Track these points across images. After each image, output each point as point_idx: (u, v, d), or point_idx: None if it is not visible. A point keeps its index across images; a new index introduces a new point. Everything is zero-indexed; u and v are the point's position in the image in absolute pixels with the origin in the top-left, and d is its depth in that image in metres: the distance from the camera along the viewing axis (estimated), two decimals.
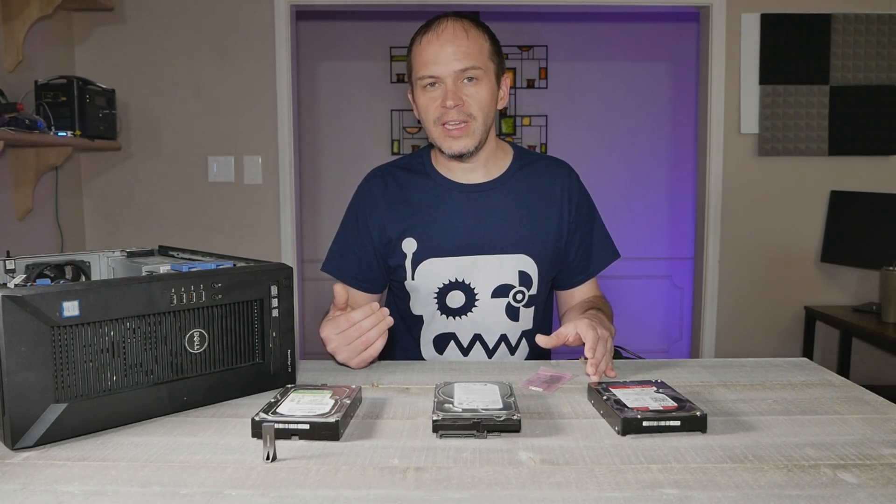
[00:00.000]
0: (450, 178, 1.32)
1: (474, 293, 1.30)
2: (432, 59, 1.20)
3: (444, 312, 1.31)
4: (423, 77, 1.22)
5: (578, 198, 1.35)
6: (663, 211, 4.00)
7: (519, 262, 1.29)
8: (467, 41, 1.21)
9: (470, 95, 1.22)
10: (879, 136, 2.90)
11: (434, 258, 1.29)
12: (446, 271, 1.29)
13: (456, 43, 1.20)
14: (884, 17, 2.86)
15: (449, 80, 1.20)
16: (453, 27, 1.21)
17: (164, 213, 2.92)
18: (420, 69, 1.22)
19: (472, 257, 1.28)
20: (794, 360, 1.15)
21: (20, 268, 1.01)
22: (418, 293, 1.32)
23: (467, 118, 1.22)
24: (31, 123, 2.17)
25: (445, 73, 1.20)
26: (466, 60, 1.20)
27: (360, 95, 3.90)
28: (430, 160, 1.35)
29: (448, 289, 1.30)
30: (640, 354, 3.13)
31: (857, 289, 3.00)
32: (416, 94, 1.27)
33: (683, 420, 0.79)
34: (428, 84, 1.22)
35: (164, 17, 2.84)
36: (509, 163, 1.35)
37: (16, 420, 0.74)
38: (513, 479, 0.68)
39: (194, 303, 0.86)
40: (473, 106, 1.22)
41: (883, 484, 0.66)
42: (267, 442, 0.72)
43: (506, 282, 1.29)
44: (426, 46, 1.21)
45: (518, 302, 1.31)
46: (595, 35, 3.90)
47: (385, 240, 1.32)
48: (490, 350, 1.33)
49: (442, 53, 1.19)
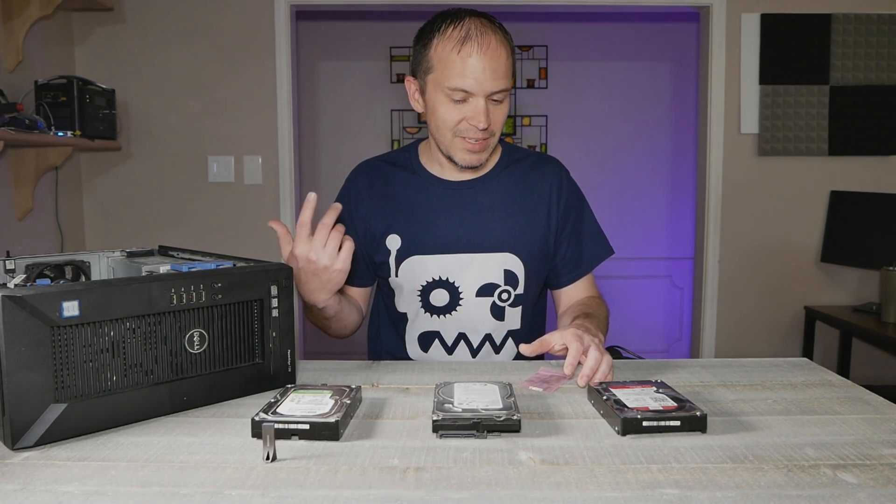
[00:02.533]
0: (436, 174, 1.31)
1: (458, 292, 1.28)
2: (471, 74, 1.13)
3: (429, 311, 1.30)
4: (456, 89, 1.15)
5: (567, 194, 1.33)
6: (663, 211, 4.00)
7: (504, 260, 1.28)
8: (506, 60, 1.16)
9: (494, 113, 1.18)
10: (879, 136, 2.90)
11: (418, 255, 1.27)
12: (430, 269, 1.28)
13: (497, 62, 1.14)
14: (884, 17, 2.86)
15: (482, 100, 1.15)
16: (497, 43, 1.15)
17: (164, 213, 2.92)
18: (454, 79, 1.14)
19: (457, 255, 1.27)
20: (794, 360, 1.15)
21: (20, 268, 1.00)
22: (402, 290, 1.31)
23: (489, 136, 1.20)
24: (31, 123, 2.17)
25: (481, 92, 1.15)
26: (504, 82, 1.16)
27: (360, 95, 3.90)
28: (418, 156, 1.34)
29: (432, 287, 1.28)
30: (640, 354, 3.12)
31: (857, 289, 3.00)
32: (432, 97, 1.20)
33: (683, 420, 0.79)
34: (458, 99, 1.16)
35: (164, 17, 2.84)
36: (497, 160, 1.33)
37: (16, 420, 0.73)
38: (513, 479, 0.68)
39: (194, 303, 0.86)
40: (496, 125, 1.20)
41: (883, 484, 0.66)
42: (267, 442, 0.72)
43: (490, 281, 1.28)
44: (466, 58, 1.13)
45: (503, 301, 1.29)
46: (595, 35, 3.90)
47: (370, 235, 1.31)
48: (474, 349, 1.31)
49: (483, 71, 1.13)
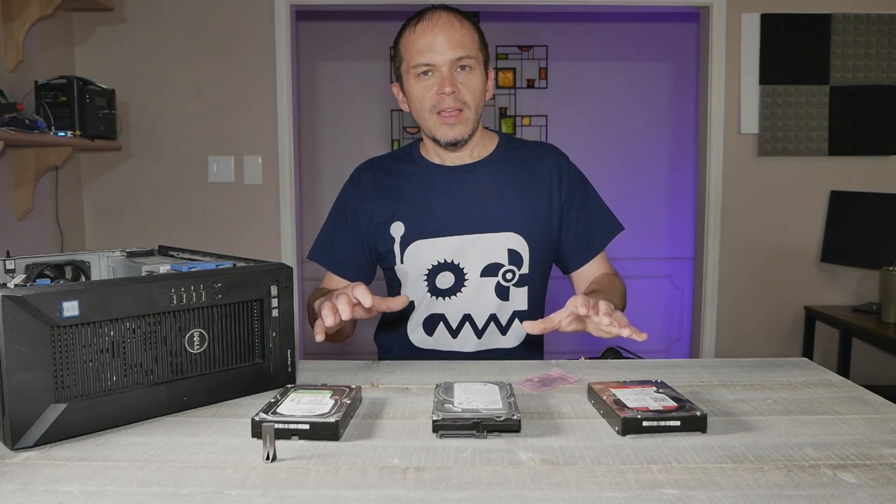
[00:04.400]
0: (436, 162, 1.35)
1: (463, 273, 1.29)
2: (428, 48, 1.22)
3: (434, 294, 1.32)
4: (418, 65, 1.23)
5: (569, 177, 1.35)
6: (663, 211, 3.99)
7: (508, 240, 1.29)
8: (461, 30, 1.23)
9: (464, 83, 1.24)
10: (879, 136, 2.90)
11: (422, 240, 1.29)
12: (435, 252, 1.29)
13: (451, 32, 1.22)
14: (884, 17, 2.85)
15: (444, 69, 1.22)
16: (447, 17, 1.23)
17: (164, 213, 2.92)
18: (415, 57, 1.23)
19: (460, 237, 1.29)
20: (794, 360, 1.15)
21: (20, 268, 1.00)
22: (408, 277, 1.32)
23: (462, 106, 1.24)
24: (31, 123, 2.17)
25: (441, 62, 1.22)
26: (461, 49, 1.22)
27: (360, 95, 3.90)
28: (419, 150, 1.38)
29: (437, 270, 1.30)
30: (640, 354, 3.12)
31: (857, 289, 2.99)
32: (407, 85, 1.28)
33: (683, 420, 0.79)
34: (422, 72, 1.24)
35: (164, 17, 2.84)
36: (495, 146, 1.36)
37: (16, 420, 0.73)
38: (513, 479, 0.68)
39: (194, 303, 0.86)
40: (467, 94, 1.24)
41: (883, 484, 0.66)
42: (267, 442, 0.72)
43: (495, 261, 1.29)
44: (420, 35, 1.23)
45: (508, 281, 1.30)
46: (595, 35, 3.90)
47: (373, 226, 1.34)
48: (479, 330, 1.32)
49: (437, 42, 1.21)
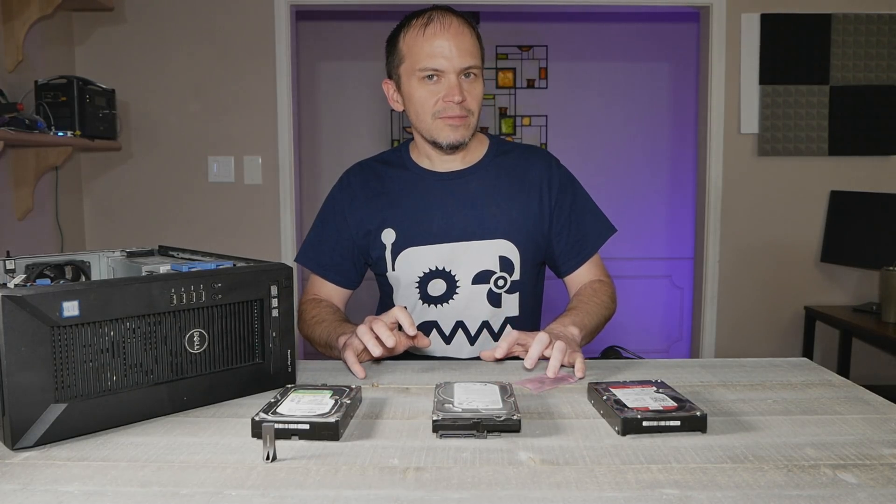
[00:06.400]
0: (426, 168, 1.34)
1: (455, 280, 1.30)
2: (438, 53, 1.20)
3: (426, 301, 1.32)
4: (426, 69, 1.21)
5: (560, 181, 1.34)
6: (663, 211, 3.99)
7: (499, 247, 1.29)
8: (470, 38, 1.23)
9: (469, 91, 1.23)
10: (879, 136, 2.90)
11: (413, 247, 1.29)
12: (426, 260, 1.29)
13: (461, 39, 1.21)
14: (884, 17, 2.85)
15: (452, 76, 1.21)
16: (458, 23, 1.22)
17: (164, 213, 2.92)
18: (422, 60, 1.21)
19: (451, 244, 1.29)
20: (794, 360, 1.15)
21: (20, 268, 1.00)
22: (400, 284, 1.32)
23: (467, 113, 1.24)
24: (31, 123, 2.17)
25: (450, 69, 1.21)
26: (470, 58, 1.22)
27: (360, 95, 3.90)
28: (409, 153, 1.37)
29: (429, 277, 1.30)
30: (640, 354, 3.12)
31: (857, 289, 2.99)
32: (408, 86, 1.26)
33: (683, 420, 0.79)
34: (427, 76, 1.22)
35: (164, 17, 2.84)
36: (485, 151, 1.36)
37: (16, 420, 0.74)
38: (513, 479, 0.68)
39: (194, 303, 0.86)
40: (473, 102, 1.24)
41: (883, 484, 0.66)
42: (267, 442, 0.72)
43: (486, 268, 1.29)
44: (430, 39, 1.21)
45: (500, 288, 1.31)
46: (595, 35, 3.90)
47: (364, 232, 1.33)
48: (472, 337, 1.32)
49: (448, 48, 1.20)
